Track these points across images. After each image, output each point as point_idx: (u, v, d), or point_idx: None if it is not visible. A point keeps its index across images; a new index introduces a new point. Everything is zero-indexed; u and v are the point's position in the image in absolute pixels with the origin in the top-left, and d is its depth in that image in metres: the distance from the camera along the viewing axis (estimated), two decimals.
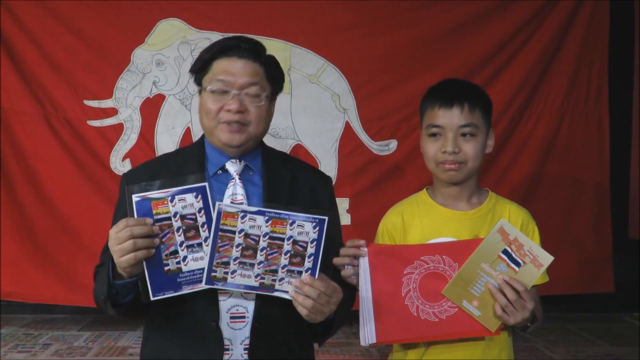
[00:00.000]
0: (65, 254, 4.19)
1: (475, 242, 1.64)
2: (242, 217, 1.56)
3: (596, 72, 4.46)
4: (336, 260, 1.69)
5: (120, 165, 4.20)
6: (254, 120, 1.73)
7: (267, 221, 1.56)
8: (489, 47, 4.37)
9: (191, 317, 1.66)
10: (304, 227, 1.57)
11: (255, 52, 1.75)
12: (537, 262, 1.60)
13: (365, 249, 1.68)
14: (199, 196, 1.57)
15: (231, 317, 1.66)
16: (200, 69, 1.77)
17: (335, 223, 1.84)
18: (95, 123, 4.21)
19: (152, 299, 1.54)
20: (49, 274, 4.20)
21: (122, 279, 1.58)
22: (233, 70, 1.71)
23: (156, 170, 1.78)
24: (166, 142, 4.24)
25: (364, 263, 1.67)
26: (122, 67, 4.23)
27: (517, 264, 1.61)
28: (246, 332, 1.67)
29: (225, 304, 1.66)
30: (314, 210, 1.59)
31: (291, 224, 1.57)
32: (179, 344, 1.67)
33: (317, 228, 1.57)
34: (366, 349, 3.92)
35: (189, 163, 1.78)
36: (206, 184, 1.58)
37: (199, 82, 1.80)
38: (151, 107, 4.26)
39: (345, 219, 4.26)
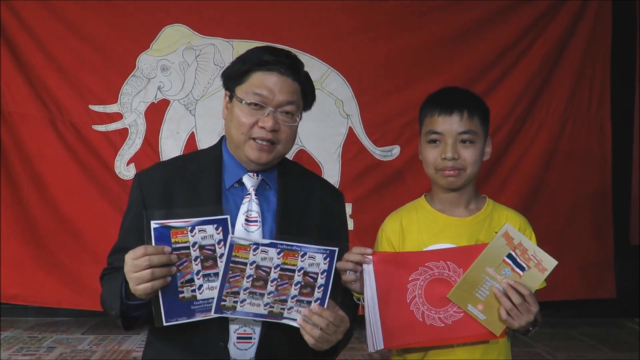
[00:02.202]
0: (69, 256, 4.22)
1: (480, 247, 1.65)
2: (254, 250, 1.55)
3: (598, 78, 4.49)
4: (339, 265, 1.68)
5: (124, 169, 4.22)
6: (284, 139, 1.72)
7: (278, 253, 1.55)
8: (491, 53, 4.40)
9: (199, 337, 1.65)
10: (314, 259, 1.57)
11: (295, 69, 1.74)
12: (541, 267, 1.62)
13: (370, 257, 1.68)
14: (220, 228, 1.55)
15: (238, 338, 1.67)
16: (235, 77, 1.74)
17: (345, 242, 1.84)
18: (100, 128, 4.24)
19: (164, 324, 1.54)
20: (53, 276, 4.22)
21: (134, 299, 1.57)
22: (272, 85, 1.69)
23: (170, 174, 1.75)
24: (170, 147, 4.27)
25: (369, 270, 1.68)
26: (127, 72, 4.26)
27: (522, 268, 1.62)
28: (252, 352, 1.67)
29: (233, 324, 1.66)
30: (325, 241, 1.59)
31: (302, 256, 1.56)
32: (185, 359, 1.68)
33: (328, 259, 1.57)
34: (368, 354, 3.93)
35: (206, 173, 1.75)
36: (228, 217, 1.55)
37: (229, 88, 1.77)
38: (156, 112, 4.29)
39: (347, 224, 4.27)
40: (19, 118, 4.20)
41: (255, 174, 1.76)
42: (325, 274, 1.57)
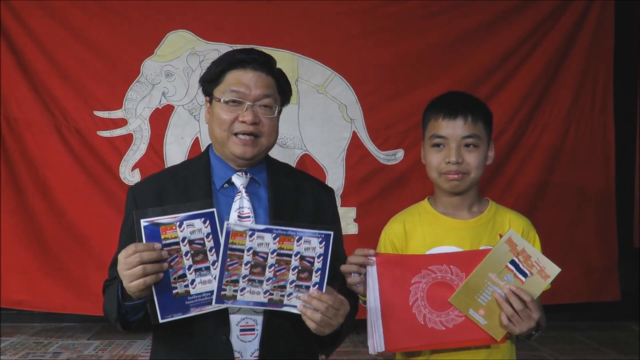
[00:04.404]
0: (75, 262, 4.24)
1: (483, 252, 1.66)
2: (250, 236, 1.57)
3: (601, 82, 4.49)
4: (343, 268, 1.70)
5: (129, 175, 4.25)
6: (266, 132, 1.75)
7: (274, 238, 1.58)
8: (495, 57, 4.41)
9: (201, 332, 1.67)
10: (310, 243, 1.58)
11: (268, 64, 1.78)
12: (544, 273, 1.62)
13: (374, 258, 1.69)
14: (207, 222, 1.57)
15: (241, 330, 1.68)
16: (212, 79, 1.78)
17: (338, 235, 1.85)
18: (105, 133, 4.26)
19: (160, 321, 1.55)
20: (59, 282, 4.25)
21: (130, 300, 1.60)
22: (247, 81, 1.73)
23: (163, 184, 1.78)
24: (175, 152, 4.29)
25: (372, 272, 1.69)
26: (131, 78, 4.29)
27: (524, 275, 1.62)
28: (256, 344, 1.68)
29: (235, 317, 1.67)
30: (319, 225, 1.61)
31: (298, 240, 1.58)
32: (188, 358, 1.69)
33: (323, 243, 1.59)
34: (372, 357, 3.93)
35: (196, 177, 1.78)
36: (214, 210, 1.59)
37: (208, 92, 1.81)
38: (160, 118, 4.31)
39: (352, 228, 4.29)
40: (24, 124, 4.23)
41: (243, 173, 1.79)
42: (321, 257, 1.59)
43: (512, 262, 1.63)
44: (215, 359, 1.66)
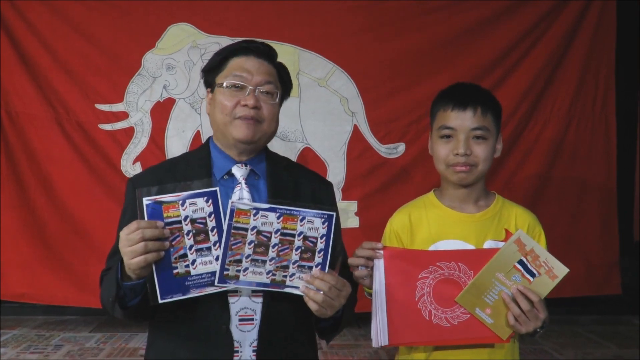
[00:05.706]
0: (76, 255, 4.23)
1: (492, 252, 1.66)
2: (255, 215, 1.59)
3: (603, 77, 4.47)
4: (351, 261, 1.71)
5: (131, 168, 4.24)
6: (267, 117, 1.77)
7: (278, 218, 1.60)
8: (496, 51, 4.39)
9: (201, 321, 1.67)
10: (313, 223, 1.60)
11: (270, 54, 1.81)
12: (552, 274, 1.62)
13: (381, 252, 1.69)
14: (210, 200, 1.58)
15: (240, 320, 1.68)
16: (214, 67, 1.80)
17: (337, 226, 1.87)
18: (107, 127, 4.25)
19: (160, 301, 1.56)
20: (61, 275, 4.24)
21: (130, 281, 1.59)
22: (250, 67, 1.75)
23: (162, 175, 1.79)
24: (176, 146, 4.28)
25: (379, 265, 1.69)
26: (133, 71, 4.27)
27: (532, 275, 1.63)
28: (254, 334, 1.68)
29: (235, 306, 1.68)
30: (322, 206, 1.63)
31: (301, 220, 1.60)
32: (187, 347, 1.69)
33: (326, 223, 1.61)
34: (374, 350, 3.94)
35: (196, 169, 1.79)
36: (217, 188, 1.60)
37: (210, 82, 1.82)
38: (161, 111, 4.30)
39: (353, 222, 4.29)
40: (25, 118, 4.22)
41: (243, 165, 1.80)
42: (324, 238, 1.61)
43: (520, 262, 1.63)
44: (215, 348, 1.66)
